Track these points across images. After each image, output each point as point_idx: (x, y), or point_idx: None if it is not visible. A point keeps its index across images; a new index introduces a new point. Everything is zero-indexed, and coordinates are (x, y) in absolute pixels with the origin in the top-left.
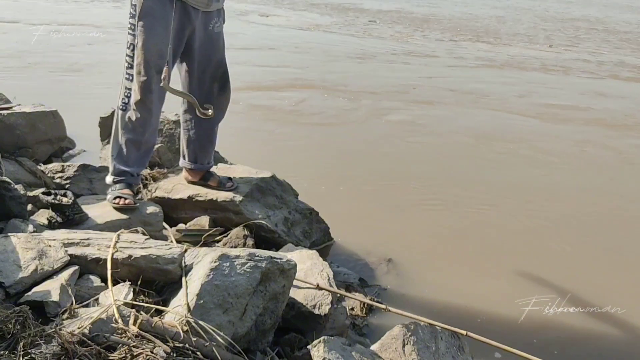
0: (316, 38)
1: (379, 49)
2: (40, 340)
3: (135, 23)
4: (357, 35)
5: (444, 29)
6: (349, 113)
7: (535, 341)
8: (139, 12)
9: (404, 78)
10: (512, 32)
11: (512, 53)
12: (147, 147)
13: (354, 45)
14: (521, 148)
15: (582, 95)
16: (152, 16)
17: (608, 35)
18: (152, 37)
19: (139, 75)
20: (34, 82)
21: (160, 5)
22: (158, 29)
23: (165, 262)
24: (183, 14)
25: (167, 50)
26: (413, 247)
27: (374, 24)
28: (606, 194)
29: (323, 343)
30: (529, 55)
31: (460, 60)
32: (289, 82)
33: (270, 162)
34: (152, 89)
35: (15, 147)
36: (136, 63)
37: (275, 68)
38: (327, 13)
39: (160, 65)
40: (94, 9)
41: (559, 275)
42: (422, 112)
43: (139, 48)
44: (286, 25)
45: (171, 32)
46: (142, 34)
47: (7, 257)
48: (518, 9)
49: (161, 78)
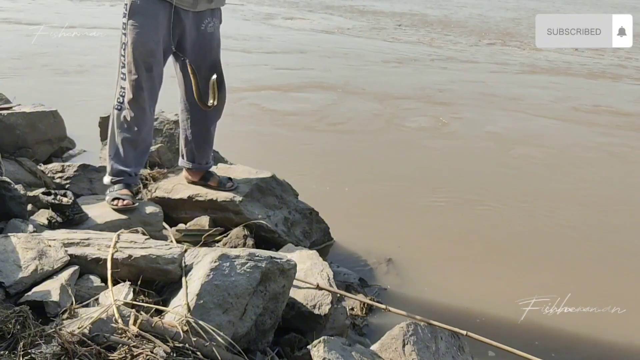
0: (347, 42)
1: (415, 54)
2: (40, 340)
3: (126, 22)
4: (388, 39)
5: (469, 33)
6: (366, 116)
7: (535, 342)
8: (129, 11)
9: (438, 82)
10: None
11: (551, 58)
12: (144, 146)
13: (387, 49)
14: (533, 151)
15: (629, 102)
16: (141, 15)
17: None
18: (141, 36)
19: (130, 74)
20: (34, 82)
21: (149, 4)
22: (147, 27)
23: (165, 262)
24: (172, 14)
25: (156, 48)
26: (413, 247)
27: (400, 28)
28: (607, 193)
29: (323, 343)
30: (565, 60)
31: (502, 66)
32: (312, 83)
33: (271, 162)
34: (143, 87)
35: (15, 147)
36: (127, 62)
37: (307, 71)
38: (348, 16)
39: (149, 63)
40: (94, 10)
41: (559, 275)
42: (446, 116)
43: (129, 46)
44: (312, 28)
45: (161, 30)
46: (131, 32)
47: (7, 257)
48: (529, 10)
49: (153, 75)
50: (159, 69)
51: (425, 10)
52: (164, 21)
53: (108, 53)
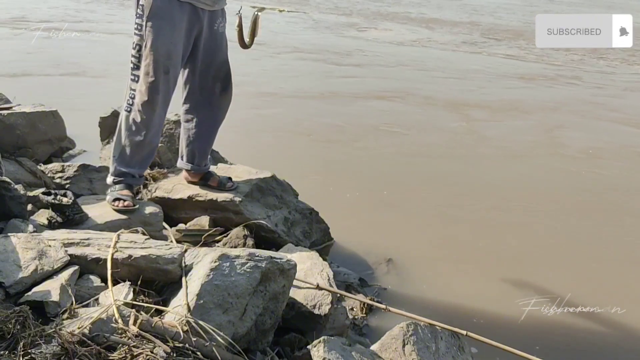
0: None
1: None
2: (40, 340)
3: (143, 23)
4: (514, 57)
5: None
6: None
7: (535, 341)
8: (148, 13)
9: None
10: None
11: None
12: (150, 149)
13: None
14: (535, 152)
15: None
16: (160, 17)
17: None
18: (160, 38)
19: (147, 76)
20: (34, 82)
21: (168, 6)
22: (166, 29)
23: (165, 262)
24: (191, 14)
25: (175, 51)
26: (413, 247)
27: (492, 40)
28: (608, 194)
29: (323, 343)
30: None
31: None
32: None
33: (272, 162)
34: (159, 90)
35: (15, 147)
36: (144, 64)
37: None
38: (426, 26)
39: (168, 66)
40: (94, 9)
41: (559, 275)
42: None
43: (148, 48)
44: (400, 40)
45: (180, 32)
46: (150, 34)
47: (7, 257)
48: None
49: (169, 78)
50: (175, 71)
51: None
52: (182, 22)
53: (108, 53)
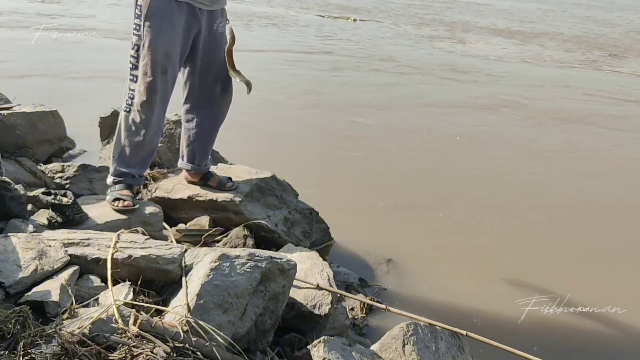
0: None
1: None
2: (40, 340)
3: (141, 23)
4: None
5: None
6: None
7: (535, 341)
8: (146, 13)
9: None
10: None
11: None
12: (150, 149)
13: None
14: (529, 153)
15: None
16: (158, 16)
17: None
18: (158, 38)
19: (145, 76)
20: (34, 82)
21: (166, 5)
22: (165, 29)
23: (165, 262)
24: (189, 14)
25: (173, 51)
26: (413, 247)
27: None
28: (608, 195)
29: (323, 343)
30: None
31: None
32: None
33: (273, 162)
34: (157, 90)
35: (15, 147)
36: (142, 64)
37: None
38: (524, 40)
39: (166, 65)
40: (94, 10)
41: (559, 275)
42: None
43: (146, 48)
44: (506, 57)
45: (178, 32)
46: (148, 34)
47: (7, 257)
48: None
49: (167, 78)
50: (174, 71)
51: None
52: (179, 22)
53: (108, 53)
